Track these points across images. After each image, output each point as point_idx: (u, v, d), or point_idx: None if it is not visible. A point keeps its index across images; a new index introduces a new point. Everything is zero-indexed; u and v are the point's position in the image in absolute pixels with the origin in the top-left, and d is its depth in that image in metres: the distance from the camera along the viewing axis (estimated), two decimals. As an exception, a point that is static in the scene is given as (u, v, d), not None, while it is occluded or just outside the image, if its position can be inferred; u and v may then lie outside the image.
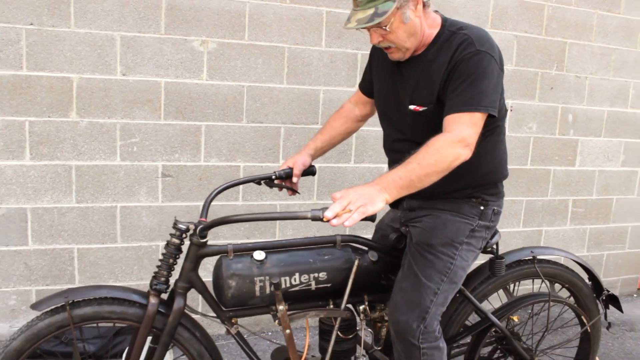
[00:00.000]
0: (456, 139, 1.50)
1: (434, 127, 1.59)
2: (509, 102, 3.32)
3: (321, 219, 1.43)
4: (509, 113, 3.29)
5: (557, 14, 3.39)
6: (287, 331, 1.72)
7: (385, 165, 2.15)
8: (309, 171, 2.02)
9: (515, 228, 3.55)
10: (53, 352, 2.62)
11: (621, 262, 3.96)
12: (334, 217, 1.40)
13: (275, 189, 2.77)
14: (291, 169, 1.97)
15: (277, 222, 3.00)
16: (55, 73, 2.55)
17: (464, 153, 1.51)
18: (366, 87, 1.96)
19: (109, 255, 2.77)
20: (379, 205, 1.43)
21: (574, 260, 2.20)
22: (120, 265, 2.79)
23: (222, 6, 2.72)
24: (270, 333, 3.09)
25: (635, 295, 4.05)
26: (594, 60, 3.55)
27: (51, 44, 2.52)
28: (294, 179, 1.98)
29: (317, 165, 2.10)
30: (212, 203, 1.82)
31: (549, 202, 3.60)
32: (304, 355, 1.80)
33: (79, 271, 2.74)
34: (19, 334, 1.66)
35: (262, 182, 1.97)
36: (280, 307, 1.69)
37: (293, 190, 2.01)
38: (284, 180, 1.98)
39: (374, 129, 2.71)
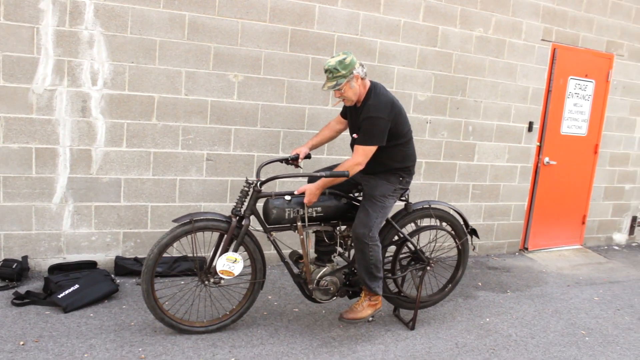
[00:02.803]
0: (355, 162, 3.38)
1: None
2: (428, 117, 5.24)
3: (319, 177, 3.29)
4: (427, 125, 5.21)
5: (461, 59, 5.34)
6: (301, 237, 3.53)
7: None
8: (307, 157, 3.84)
9: (434, 203, 5.47)
10: (134, 271, 4.32)
11: (507, 230, 5.97)
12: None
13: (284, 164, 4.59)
14: (298, 155, 3.77)
15: (299, 179, 4.81)
16: (144, 93, 4.25)
17: (359, 168, 3.37)
18: (343, 113, 3.80)
19: (170, 210, 4.49)
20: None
21: (453, 209, 4.11)
22: (176, 217, 4.50)
23: (248, 53, 4.49)
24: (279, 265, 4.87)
25: (516, 254, 6.07)
26: (487, 90, 5.52)
27: (143, 75, 4.22)
28: (299, 161, 3.80)
29: (312, 154, 3.91)
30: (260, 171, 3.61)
31: (455, 186, 5.56)
32: (307, 251, 3.61)
33: (151, 220, 4.44)
34: (165, 236, 3.36)
35: (283, 161, 3.78)
36: (299, 224, 3.50)
37: (298, 167, 3.83)
38: (294, 161, 3.79)
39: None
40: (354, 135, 3.55)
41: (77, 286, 3.80)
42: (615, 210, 6.67)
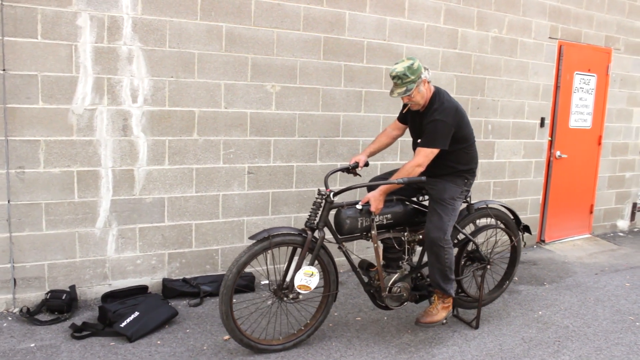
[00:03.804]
0: (416, 164, 3.43)
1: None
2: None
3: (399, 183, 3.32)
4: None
5: (479, 60, 5.50)
6: (375, 245, 3.55)
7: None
8: (365, 164, 3.87)
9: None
10: (184, 292, 4.23)
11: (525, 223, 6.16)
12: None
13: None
14: (357, 163, 3.79)
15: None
16: (185, 108, 4.16)
17: (420, 169, 3.43)
18: (402, 119, 3.85)
19: (214, 227, 4.41)
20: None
21: (505, 207, 4.23)
22: (220, 234, 4.44)
23: (283, 63, 4.47)
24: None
25: (534, 246, 6.29)
26: (503, 89, 5.71)
27: (183, 89, 4.14)
28: (359, 169, 3.82)
29: (369, 161, 3.94)
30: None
31: (478, 184, 5.71)
32: (380, 259, 3.63)
33: (195, 239, 4.35)
34: (244, 254, 3.31)
35: (344, 170, 3.79)
36: (373, 232, 3.52)
37: (357, 174, 3.85)
38: (354, 169, 3.81)
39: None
40: (418, 141, 3.61)
41: (137, 313, 3.68)
42: (618, 198, 7.01)
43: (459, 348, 3.67)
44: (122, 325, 3.58)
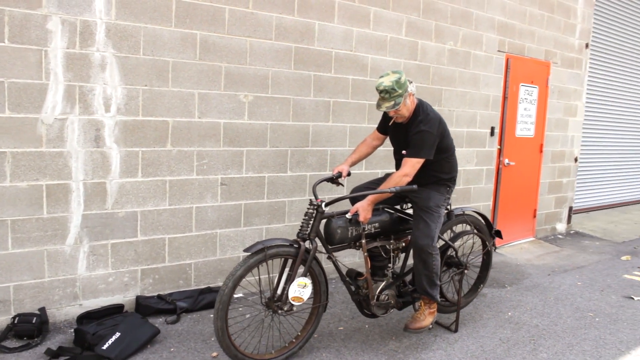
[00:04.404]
0: (403, 173, 3.54)
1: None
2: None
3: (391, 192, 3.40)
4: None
5: (437, 71, 5.72)
6: (365, 254, 3.61)
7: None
8: (348, 174, 3.93)
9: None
10: (160, 309, 4.08)
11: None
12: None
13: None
14: (341, 173, 3.84)
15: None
16: (159, 117, 4.04)
17: (407, 179, 3.54)
18: (382, 130, 3.94)
19: (187, 241, 4.29)
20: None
21: (478, 213, 4.42)
22: (194, 248, 4.33)
23: (256, 72, 4.45)
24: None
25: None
26: (457, 99, 5.97)
27: (157, 99, 4.02)
28: (343, 179, 3.87)
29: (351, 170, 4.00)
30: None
31: (437, 191, 5.91)
32: (368, 267, 3.69)
33: (168, 254, 4.22)
34: (240, 267, 3.26)
35: (329, 180, 3.83)
36: (363, 241, 3.58)
37: (340, 184, 3.90)
38: (337, 179, 3.86)
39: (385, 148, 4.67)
40: (403, 152, 3.71)
41: (119, 334, 3.51)
42: (557, 203, 7.50)
43: (445, 352, 3.79)
44: (104, 347, 3.41)
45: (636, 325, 4.45)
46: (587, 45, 7.45)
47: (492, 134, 6.33)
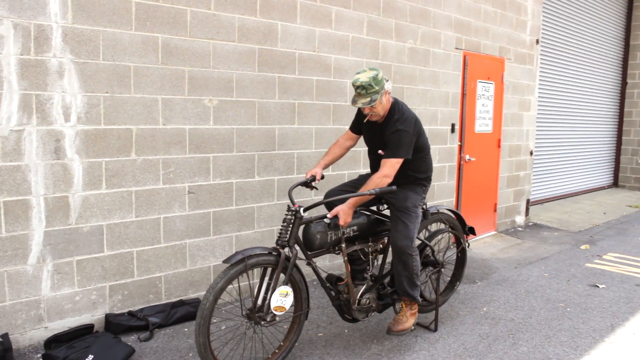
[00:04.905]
0: (383, 174, 3.53)
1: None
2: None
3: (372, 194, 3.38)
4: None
5: (398, 70, 5.75)
6: (345, 258, 3.56)
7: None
8: (322, 177, 3.88)
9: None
10: (132, 327, 3.92)
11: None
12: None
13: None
14: (314, 176, 3.79)
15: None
16: (122, 125, 3.87)
17: (388, 180, 3.54)
18: (355, 129, 3.90)
19: (156, 253, 4.14)
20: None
21: (451, 211, 4.45)
22: (163, 260, 4.17)
23: (220, 75, 4.34)
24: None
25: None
26: (419, 97, 6.02)
27: (119, 106, 3.85)
28: (316, 182, 3.82)
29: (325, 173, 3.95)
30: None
31: (403, 190, 5.94)
32: (348, 271, 3.65)
33: (137, 267, 4.05)
34: (220, 279, 3.15)
35: (303, 185, 3.77)
36: (343, 245, 3.53)
37: (314, 188, 3.84)
38: (311, 183, 3.80)
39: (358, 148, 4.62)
40: (380, 152, 3.69)
41: (92, 357, 3.34)
42: (515, 196, 7.69)
43: (428, 352, 3.80)
44: (77, 371, 3.24)
45: (605, 313, 4.59)
46: (537, 41, 7.67)
47: (452, 130, 6.42)
